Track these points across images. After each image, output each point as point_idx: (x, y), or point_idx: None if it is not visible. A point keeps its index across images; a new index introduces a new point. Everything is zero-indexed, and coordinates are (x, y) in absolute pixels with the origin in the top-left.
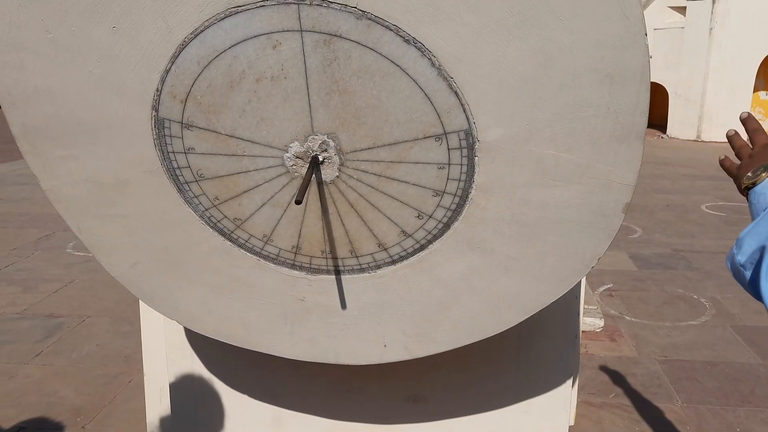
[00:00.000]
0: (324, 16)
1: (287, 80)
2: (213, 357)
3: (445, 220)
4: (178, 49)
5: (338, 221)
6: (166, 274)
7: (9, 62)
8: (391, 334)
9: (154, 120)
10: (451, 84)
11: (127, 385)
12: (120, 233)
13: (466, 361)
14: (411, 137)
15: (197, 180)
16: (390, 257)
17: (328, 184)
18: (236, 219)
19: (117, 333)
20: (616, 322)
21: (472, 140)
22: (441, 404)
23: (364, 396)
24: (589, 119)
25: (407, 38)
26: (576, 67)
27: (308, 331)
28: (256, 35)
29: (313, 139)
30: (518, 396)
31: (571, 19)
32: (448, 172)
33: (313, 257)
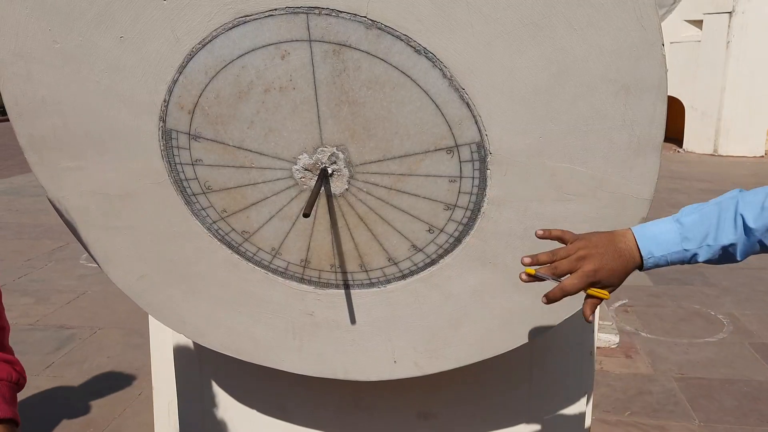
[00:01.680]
0: (333, 26)
1: (296, 91)
2: (221, 371)
3: (457, 235)
4: (185, 59)
5: (347, 235)
6: (174, 287)
7: (17, 72)
8: (402, 350)
9: (161, 131)
10: (463, 95)
11: (137, 398)
12: (127, 245)
13: (478, 377)
14: (422, 149)
15: (205, 192)
16: (400, 272)
17: (338, 197)
18: (244, 232)
19: (128, 345)
20: (632, 338)
21: (484, 153)
22: (452, 421)
23: (374, 412)
24: (604, 131)
25: (418, 48)
26: (591, 77)
27: (317, 346)
28: (264, 45)
29: (322, 151)
30: (531, 413)
31: (585, 29)
32: (459, 186)
33: (322, 271)
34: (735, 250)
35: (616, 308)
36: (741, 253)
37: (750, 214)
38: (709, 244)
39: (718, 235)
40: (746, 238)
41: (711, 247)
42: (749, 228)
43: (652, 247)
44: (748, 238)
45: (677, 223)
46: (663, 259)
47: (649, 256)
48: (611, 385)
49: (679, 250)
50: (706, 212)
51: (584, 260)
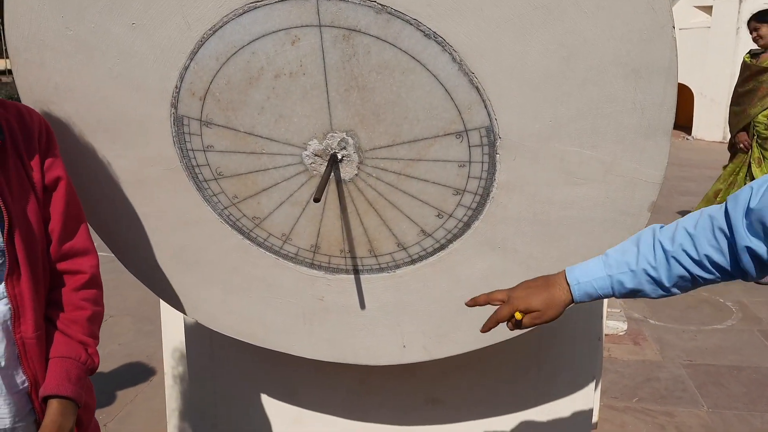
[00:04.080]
0: (343, 11)
1: (306, 76)
2: (233, 356)
3: (466, 219)
4: (196, 46)
5: (357, 220)
6: (186, 273)
7: (30, 59)
8: (411, 335)
9: (173, 117)
10: (473, 79)
11: (148, 384)
12: (139, 232)
13: (486, 363)
14: (431, 134)
15: (216, 178)
16: (409, 257)
17: (347, 183)
18: (255, 217)
19: (139, 332)
20: (640, 325)
21: (494, 137)
22: (460, 407)
23: (383, 397)
24: (614, 115)
25: (428, 33)
26: (601, 61)
27: (327, 331)
28: (274, 31)
29: (332, 136)
30: (539, 399)
31: (595, 12)
32: (468, 170)
33: (332, 256)
34: (659, 276)
35: None
36: (668, 279)
37: (667, 243)
38: (632, 270)
39: (639, 260)
40: (667, 265)
41: (634, 273)
42: (666, 250)
43: (578, 275)
44: (668, 263)
45: (603, 256)
46: (590, 285)
47: (575, 283)
48: (619, 371)
49: (603, 276)
50: (627, 244)
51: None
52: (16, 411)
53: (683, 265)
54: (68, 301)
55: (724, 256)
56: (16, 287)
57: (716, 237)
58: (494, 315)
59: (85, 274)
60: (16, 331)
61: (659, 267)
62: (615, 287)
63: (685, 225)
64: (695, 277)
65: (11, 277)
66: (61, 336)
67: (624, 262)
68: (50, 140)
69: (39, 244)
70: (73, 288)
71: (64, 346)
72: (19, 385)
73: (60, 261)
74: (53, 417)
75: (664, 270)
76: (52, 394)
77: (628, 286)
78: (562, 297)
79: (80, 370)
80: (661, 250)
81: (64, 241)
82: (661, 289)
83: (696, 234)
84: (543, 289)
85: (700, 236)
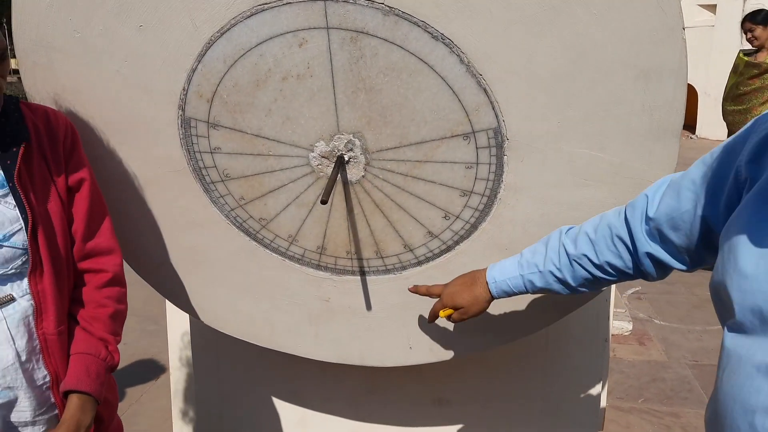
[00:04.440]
0: (351, 13)
1: (313, 78)
2: (238, 357)
3: (473, 221)
4: (204, 48)
5: (364, 222)
6: (192, 274)
7: (38, 62)
8: (417, 336)
9: (180, 119)
10: (480, 81)
11: (153, 384)
12: (146, 233)
13: (493, 364)
14: (438, 136)
15: (223, 180)
16: (416, 258)
17: (354, 184)
18: (262, 219)
19: (144, 332)
20: (645, 325)
21: (502, 139)
22: (466, 407)
23: (389, 398)
24: (623, 117)
25: (435, 34)
26: (610, 62)
27: (333, 332)
28: (282, 33)
29: (338, 138)
30: (546, 400)
31: (604, 13)
32: (476, 172)
33: (338, 258)
34: (564, 277)
35: (629, 295)
36: (573, 280)
37: (570, 247)
38: (540, 270)
39: (546, 262)
40: (571, 268)
41: (542, 274)
42: (569, 254)
43: (495, 274)
44: (571, 266)
45: (519, 255)
46: (505, 284)
47: (492, 281)
48: (624, 372)
49: (516, 276)
50: (539, 244)
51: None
52: (37, 405)
53: (585, 268)
54: (91, 298)
55: (624, 262)
56: (38, 284)
57: (615, 244)
58: (432, 309)
59: (108, 273)
60: (38, 327)
61: (563, 269)
62: (527, 286)
63: (586, 230)
64: (598, 279)
65: (34, 274)
66: (82, 333)
67: (533, 263)
68: (75, 142)
69: (62, 242)
70: (96, 286)
71: (85, 343)
72: (41, 380)
73: (83, 260)
74: (72, 412)
75: (568, 272)
76: (71, 389)
77: (538, 285)
78: (483, 294)
79: (100, 367)
80: (564, 253)
81: (88, 240)
82: (567, 288)
83: (596, 240)
84: (468, 288)
85: (600, 243)
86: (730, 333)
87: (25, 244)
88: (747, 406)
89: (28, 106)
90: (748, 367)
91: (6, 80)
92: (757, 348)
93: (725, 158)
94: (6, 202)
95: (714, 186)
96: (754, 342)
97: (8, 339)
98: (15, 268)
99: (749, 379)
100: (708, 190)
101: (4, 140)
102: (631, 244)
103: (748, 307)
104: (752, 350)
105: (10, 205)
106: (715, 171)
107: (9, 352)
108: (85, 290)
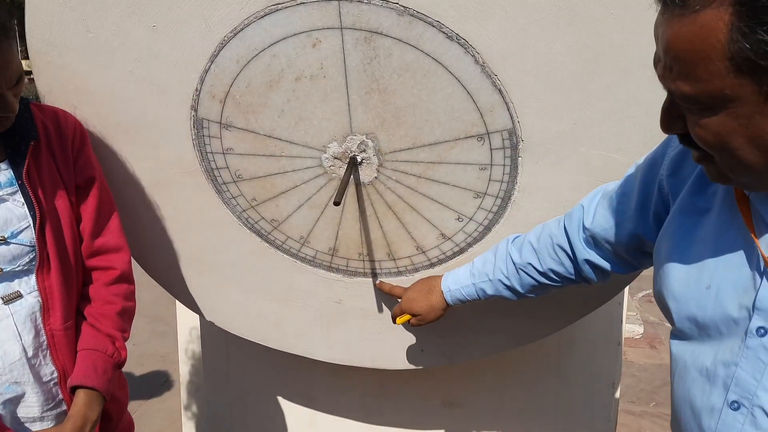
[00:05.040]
0: (365, 13)
1: (326, 79)
2: (248, 358)
3: (486, 223)
4: (217, 48)
5: (376, 223)
6: (203, 275)
7: (51, 62)
8: (429, 339)
9: (192, 120)
10: (495, 82)
11: (163, 385)
12: (158, 234)
13: (504, 367)
14: (452, 137)
15: (235, 181)
16: (428, 260)
17: (366, 186)
18: (273, 220)
19: (153, 332)
20: (656, 328)
21: (516, 140)
22: (478, 410)
23: (400, 400)
24: (640, 117)
25: (450, 35)
26: (628, 63)
27: (344, 334)
28: (295, 33)
29: (351, 139)
30: (558, 404)
31: (623, 14)
32: (490, 173)
33: (350, 259)
34: (512, 284)
35: (640, 298)
36: (521, 287)
37: (515, 255)
38: (490, 279)
39: (495, 271)
40: (518, 275)
41: (492, 282)
42: (515, 262)
43: (450, 283)
44: (518, 273)
45: (470, 264)
46: (459, 292)
47: (447, 290)
48: (636, 375)
49: (468, 284)
50: (488, 253)
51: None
52: (45, 401)
53: (531, 276)
54: (99, 296)
55: (566, 268)
56: (46, 280)
57: (557, 253)
58: (392, 311)
59: (116, 270)
60: (45, 323)
61: (511, 277)
62: (479, 293)
63: (530, 239)
64: (544, 285)
65: (41, 270)
66: (90, 329)
67: (484, 272)
68: (84, 142)
69: (70, 240)
70: (104, 283)
71: (92, 339)
72: (48, 375)
73: (92, 257)
74: (79, 407)
75: (515, 279)
76: (78, 384)
77: (489, 292)
78: (439, 303)
79: (107, 363)
80: (511, 262)
81: (96, 238)
82: (516, 295)
83: (539, 249)
84: (425, 296)
85: (542, 252)
86: (674, 340)
87: (32, 242)
88: (695, 408)
89: (39, 107)
90: (693, 371)
91: (18, 100)
92: (698, 353)
93: (648, 171)
94: (14, 200)
95: (641, 199)
96: (696, 347)
97: (15, 335)
98: (23, 265)
99: (695, 383)
100: (637, 203)
101: (14, 139)
102: (570, 252)
103: (684, 315)
104: (694, 355)
105: (18, 202)
106: (641, 185)
107: (16, 347)
108: (93, 287)
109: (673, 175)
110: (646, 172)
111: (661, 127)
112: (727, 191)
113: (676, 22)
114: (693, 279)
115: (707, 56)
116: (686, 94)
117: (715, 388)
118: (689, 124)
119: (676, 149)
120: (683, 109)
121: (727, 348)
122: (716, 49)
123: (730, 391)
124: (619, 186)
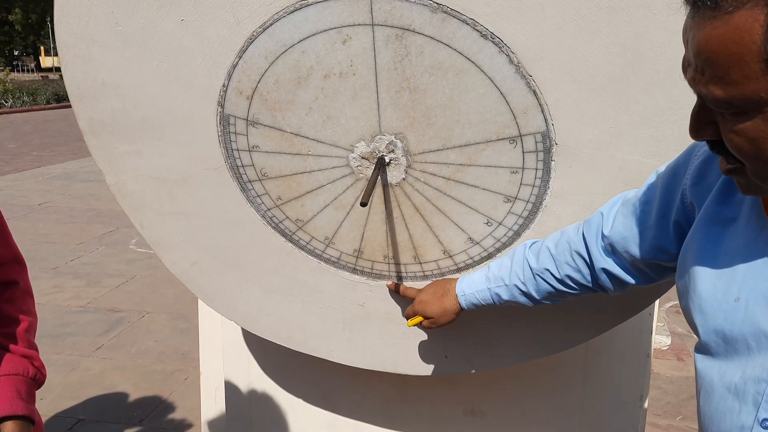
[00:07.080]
0: (397, 10)
1: (356, 77)
2: (269, 359)
3: (516, 228)
4: (246, 43)
5: (402, 226)
6: (226, 273)
7: (79, 55)
8: (453, 346)
9: (219, 116)
10: (530, 82)
11: (183, 382)
12: (181, 231)
13: (529, 376)
14: (483, 139)
15: (260, 179)
16: (455, 264)
17: (394, 187)
18: (298, 220)
19: (175, 329)
20: (684, 340)
21: (550, 143)
22: (501, 419)
23: (421, 406)
24: (680, 122)
25: (484, 33)
26: (669, 65)
27: (367, 338)
28: (325, 29)
29: (380, 139)
30: (584, 415)
31: (665, 14)
32: (521, 177)
33: (375, 262)
34: (529, 290)
35: (667, 309)
36: (537, 293)
37: (533, 261)
38: (506, 284)
39: (511, 276)
40: (534, 281)
41: (508, 287)
42: (532, 268)
43: (464, 287)
44: (535, 279)
45: (486, 268)
46: (474, 297)
47: (461, 294)
48: (662, 388)
49: (484, 289)
50: (505, 258)
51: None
52: None
53: (548, 282)
54: (3, 314)
55: (583, 276)
56: None
57: (574, 260)
58: (405, 312)
59: (17, 284)
60: None
61: (527, 283)
62: (494, 299)
63: (548, 245)
64: (561, 292)
65: None
66: (3, 353)
67: (499, 277)
68: None
69: None
70: (7, 300)
71: (9, 363)
72: None
73: None
74: None
75: (532, 285)
76: (6, 415)
77: (504, 298)
78: (452, 306)
79: (30, 386)
80: (528, 267)
81: None
82: (532, 301)
83: (557, 255)
84: (438, 299)
85: (560, 258)
86: (699, 355)
87: None
88: (723, 427)
89: None
90: (720, 389)
91: None
92: (725, 369)
93: (671, 180)
94: None
95: (662, 208)
96: (722, 364)
97: None
98: None
99: (723, 401)
100: (657, 212)
101: None
102: (588, 259)
103: (710, 329)
104: (721, 371)
105: None
106: (662, 193)
107: None
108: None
109: (697, 184)
110: (668, 180)
111: (690, 133)
112: (755, 200)
113: (708, 25)
114: (720, 291)
115: (741, 58)
116: (719, 98)
117: (744, 406)
118: (722, 131)
119: (700, 158)
120: (716, 114)
121: (757, 363)
122: (751, 51)
123: (761, 409)
124: (640, 194)
